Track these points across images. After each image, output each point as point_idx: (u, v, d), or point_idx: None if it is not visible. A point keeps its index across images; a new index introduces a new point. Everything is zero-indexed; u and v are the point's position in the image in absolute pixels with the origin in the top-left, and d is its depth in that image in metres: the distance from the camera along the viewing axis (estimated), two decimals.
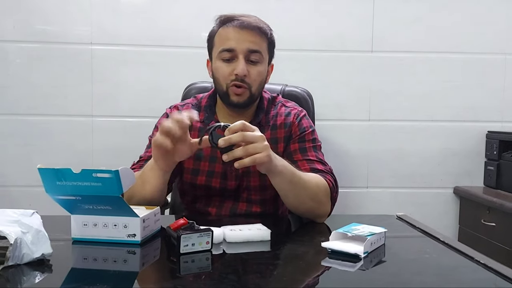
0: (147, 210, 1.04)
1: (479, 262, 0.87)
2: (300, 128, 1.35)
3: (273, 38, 1.32)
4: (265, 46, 1.29)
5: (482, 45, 2.21)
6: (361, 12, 2.17)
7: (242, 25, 1.24)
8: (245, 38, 1.25)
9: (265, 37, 1.28)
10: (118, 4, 2.10)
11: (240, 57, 1.25)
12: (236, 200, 1.34)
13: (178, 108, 1.39)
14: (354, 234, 0.94)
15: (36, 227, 0.84)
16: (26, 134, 2.10)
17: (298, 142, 1.34)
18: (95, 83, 2.11)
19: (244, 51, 1.25)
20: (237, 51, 1.25)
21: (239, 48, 1.24)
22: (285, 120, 1.36)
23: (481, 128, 2.23)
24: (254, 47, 1.25)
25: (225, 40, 1.26)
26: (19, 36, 2.07)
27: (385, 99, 2.20)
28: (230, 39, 1.25)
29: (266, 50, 1.30)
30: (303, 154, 1.31)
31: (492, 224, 1.95)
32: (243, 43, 1.24)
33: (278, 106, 1.40)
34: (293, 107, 1.41)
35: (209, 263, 0.89)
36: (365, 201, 2.20)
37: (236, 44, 1.24)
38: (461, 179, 2.25)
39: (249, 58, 1.26)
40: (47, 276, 0.80)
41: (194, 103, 1.40)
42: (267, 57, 1.31)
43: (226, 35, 1.26)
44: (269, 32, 1.29)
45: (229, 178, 1.33)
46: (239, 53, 1.25)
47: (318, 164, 1.30)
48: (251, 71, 1.26)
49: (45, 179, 0.92)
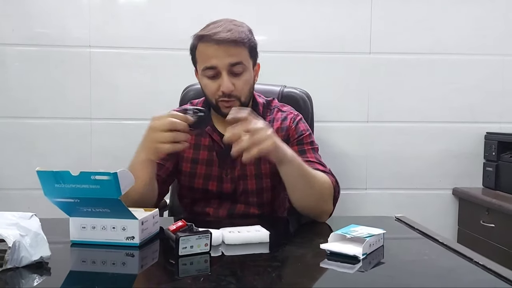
0: (146, 212, 1.04)
1: (478, 263, 0.87)
2: (297, 132, 1.36)
3: (252, 41, 1.29)
4: (246, 53, 1.27)
5: (481, 46, 2.21)
6: (360, 14, 2.18)
7: (218, 41, 1.22)
8: (225, 54, 1.23)
9: (244, 45, 1.26)
10: (117, 7, 2.11)
11: (223, 73, 1.24)
12: (234, 202, 1.34)
13: None
14: (352, 236, 0.93)
15: (35, 230, 0.84)
16: (24, 137, 2.10)
17: (297, 145, 1.35)
18: (93, 86, 2.11)
19: (225, 66, 1.24)
20: (219, 68, 1.24)
21: (221, 64, 1.24)
22: (281, 124, 1.37)
23: (479, 129, 2.23)
24: (234, 60, 1.24)
25: (205, 58, 1.25)
26: (18, 39, 2.07)
27: (384, 101, 2.21)
28: (210, 57, 1.24)
29: (248, 57, 1.28)
30: (303, 156, 1.31)
31: (491, 225, 1.95)
32: (223, 59, 1.23)
33: (274, 111, 1.40)
34: (289, 112, 1.41)
35: (207, 265, 0.89)
36: (364, 202, 2.20)
37: (217, 61, 1.23)
38: (460, 180, 2.25)
39: (232, 71, 1.25)
40: (46, 279, 0.80)
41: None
42: (250, 63, 1.30)
43: (206, 52, 1.25)
44: (246, 38, 1.26)
45: (225, 181, 1.33)
46: (221, 69, 1.24)
47: (319, 165, 1.31)
48: (236, 83, 1.26)
49: (44, 181, 0.92)
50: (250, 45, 1.28)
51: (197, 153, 1.35)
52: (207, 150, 1.34)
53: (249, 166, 1.32)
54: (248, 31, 1.29)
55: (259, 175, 1.33)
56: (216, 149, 1.34)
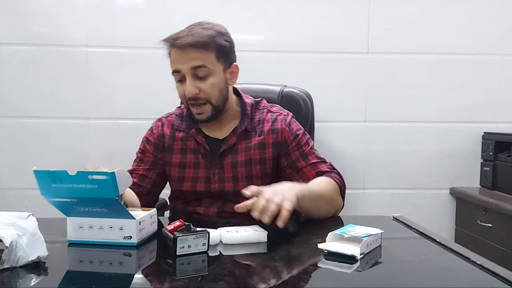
0: (143, 212, 1.03)
1: (476, 263, 0.87)
2: (292, 133, 1.36)
3: (220, 43, 1.26)
4: (212, 56, 1.26)
5: (478, 46, 2.22)
6: (357, 13, 2.18)
7: (180, 45, 1.24)
8: (187, 57, 1.24)
9: (209, 48, 1.25)
10: (114, 7, 2.10)
11: (187, 77, 1.25)
12: (224, 201, 1.35)
13: (162, 120, 1.43)
14: (350, 235, 0.94)
15: (32, 229, 0.84)
16: (21, 137, 2.09)
17: (297, 149, 1.35)
18: (90, 85, 2.10)
19: (188, 70, 1.24)
20: (182, 71, 1.25)
21: (184, 68, 1.25)
22: (272, 126, 1.37)
23: (477, 129, 2.24)
24: (196, 63, 1.24)
25: (172, 62, 1.27)
26: (14, 39, 2.07)
27: (381, 100, 2.21)
28: (174, 62, 1.26)
29: (215, 59, 1.27)
30: (306, 160, 1.34)
31: (488, 224, 1.95)
32: (185, 62, 1.24)
33: (264, 112, 1.40)
34: (279, 112, 1.41)
35: (205, 265, 0.89)
36: (362, 202, 2.20)
37: (180, 65, 1.25)
38: (457, 180, 2.25)
39: (196, 74, 1.25)
40: (43, 278, 0.80)
41: (178, 113, 1.43)
42: (218, 65, 1.28)
43: (172, 57, 1.27)
44: (210, 41, 1.24)
45: (212, 182, 1.34)
46: (185, 73, 1.25)
47: (321, 164, 1.34)
48: (202, 86, 1.26)
49: (41, 181, 0.92)
50: (217, 48, 1.26)
51: (183, 157, 1.36)
52: (193, 153, 1.36)
53: (240, 168, 1.33)
54: (216, 33, 1.27)
55: (250, 177, 1.34)
56: (201, 152, 1.35)
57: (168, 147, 1.38)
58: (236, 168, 1.33)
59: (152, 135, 1.41)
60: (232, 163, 1.33)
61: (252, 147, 1.34)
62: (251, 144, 1.35)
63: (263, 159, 1.35)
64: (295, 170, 1.34)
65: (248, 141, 1.35)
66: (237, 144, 1.34)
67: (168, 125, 1.41)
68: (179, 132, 1.38)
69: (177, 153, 1.37)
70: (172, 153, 1.37)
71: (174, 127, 1.40)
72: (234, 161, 1.34)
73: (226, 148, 1.34)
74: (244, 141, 1.35)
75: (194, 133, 1.36)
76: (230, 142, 1.34)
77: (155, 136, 1.40)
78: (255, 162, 1.34)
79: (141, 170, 1.38)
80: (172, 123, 1.41)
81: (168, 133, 1.39)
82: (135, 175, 1.35)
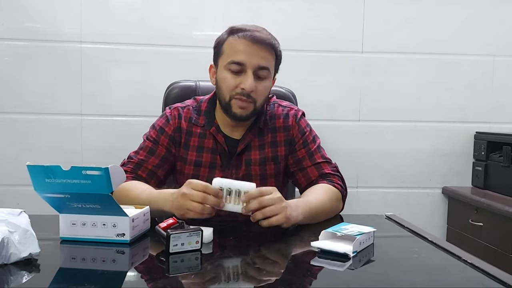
0: (137, 209, 1.03)
1: (467, 261, 0.88)
2: (300, 131, 1.35)
3: (280, 54, 1.29)
4: (273, 62, 1.27)
5: (471, 47, 2.23)
6: (352, 13, 2.18)
7: (254, 39, 1.21)
8: (257, 54, 1.22)
9: (275, 54, 1.26)
10: (108, 3, 2.09)
11: (249, 72, 1.22)
12: None
13: (179, 110, 1.34)
14: (343, 234, 0.94)
15: (24, 226, 0.83)
16: (14, 133, 2.08)
17: (303, 147, 1.34)
18: (84, 82, 2.09)
19: (254, 66, 1.22)
20: (246, 66, 1.21)
21: (249, 63, 1.21)
22: (284, 122, 1.35)
23: (469, 129, 2.25)
24: (264, 63, 1.23)
25: (235, 52, 1.22)
26: (7, 34, 2.05)
27: (375, 100, 2.21)
28: (240, 52, 1.21)
29: (273, 65, 1.28)
30: (311, 159, 1.33)
31: (479, 224, 1.97)
32: (254, 58, 1.21)
33: (274, 107, 1.38)
34: (290, 107, 1.39)
35: (198, 263, 0.89)
36: (355, 201, 2.21)
37: (246, 59, 1.21)
38: (450, 180, 2.27)
39: (257, 73, 1.23)
40: (35, 276, 0.80)
41: (195, 105, 1.36)
42: (273, 72, 1.29)
43: (237, 47, 1.22)
44: (278, 49, 1.27)
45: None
46: (249, 68, 1.22)
47: (325, 165, 1.33)
48: (258, 87, 1.23)
49: (34, 176, 0.91)
50: (278, 56, 1.28)
51: (200, 155, 1.31)
52: (211, 153, 1.31)
53: (253, 166, 1.31)
54: (279, 44, 1.28)
55: (263, 176, 1.32)
56: (219, 152, 1.31)
57: (184, 143, 1.31)
58: (250, 166, 1.31)
59: (168, 125, 1.32)
60: (246, 161, 1.31)
61: (266, 145, 1.32)
62: (264, 142, 1.32)
63: (275, 157, 1.32)
64: (300, 169, 1.32)
65: (261, 138, 1.32)
66: (251, 142, 1.32)
67: (186, 118, 1.33)
68: (196, 128, 1.32)
69: (194, 150, 1.31)
70: (188, 149, 1.31)
71: (192, 121, 1.32)
72: (249, 159, 1.31)
73: (243, 147, 1.31)
74: (257, 138, 1.32)
75: (214, 131, 1.30)
76: (247, 140, 1.31)
77: (171, 128, 1.32)
78: (269, 160, 1.32)
79: (151, 165, 1.30)
80: (190, 116, 1.33)
81: (185, 127, 1.32)
82: (144, 168, 1.29)
